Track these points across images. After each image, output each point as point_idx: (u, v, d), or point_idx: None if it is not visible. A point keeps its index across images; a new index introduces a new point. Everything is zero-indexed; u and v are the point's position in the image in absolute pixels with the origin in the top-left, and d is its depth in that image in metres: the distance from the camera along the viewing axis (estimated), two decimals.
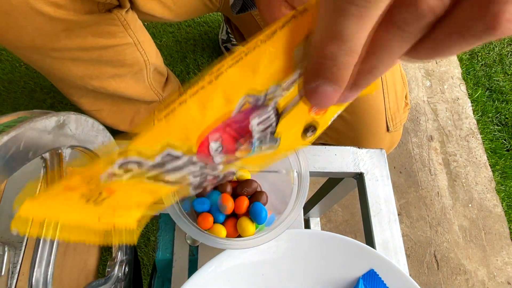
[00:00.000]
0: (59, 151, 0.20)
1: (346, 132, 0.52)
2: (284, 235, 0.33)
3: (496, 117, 1.30)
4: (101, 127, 0.25)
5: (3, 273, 0.33)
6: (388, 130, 0.52)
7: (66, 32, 0.45)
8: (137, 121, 0.66)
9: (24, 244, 0.36)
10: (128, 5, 0.50)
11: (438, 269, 1.05)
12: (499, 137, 1.26)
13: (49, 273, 0.21)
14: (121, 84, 0.56)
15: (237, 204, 0.35)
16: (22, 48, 0.47)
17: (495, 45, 1.39)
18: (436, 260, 1.07)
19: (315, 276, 0.34)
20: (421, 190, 1.12)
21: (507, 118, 1.30)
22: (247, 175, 0.37)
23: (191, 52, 1.14)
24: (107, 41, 0.50)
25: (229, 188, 0.35)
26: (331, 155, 0.42)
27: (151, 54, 0.57)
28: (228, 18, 0.75)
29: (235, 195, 0.36)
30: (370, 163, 0.42)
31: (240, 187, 0.36)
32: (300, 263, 0.33)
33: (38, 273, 0.21)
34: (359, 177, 0.42)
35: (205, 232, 0.30)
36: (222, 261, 0.32)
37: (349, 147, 0.42)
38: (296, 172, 0.35)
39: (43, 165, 0.19)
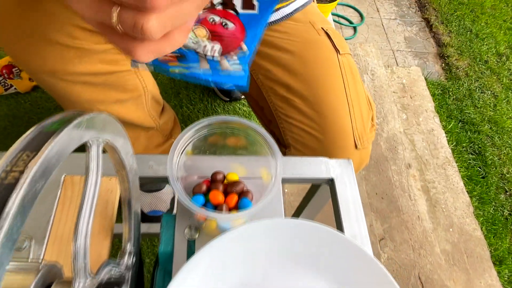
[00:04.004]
0: (99, 139, 0.27)
1: (319, 149, 0.60)
2: (267, 223, 0.39)
3: (470, 147, 1.39)
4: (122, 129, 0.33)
5: None
6: (356, 147, 0.60)
7: (79, 59, 0.54)
8: (137, 146, 0.73)
9: (46, 239, 0.41)
10: None
11: None
12: (474, 165, 1.34)
13: (87, 243, 0.27)
14: (123, 109, 0.64)
15: (227, 200, 0.41)
16: (41, 73, 0.55)
17: (464, 81, 1.52)
18: (421, 282, 1.11)
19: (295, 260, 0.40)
20: (402, 215, 1.18)
21: (480, 147, 1.39)
22: (236, 178, 0.44)
23: (184, 88, 1.24)
24: (111, 68, 0.58)
25: (221, 187, 0.42)
26: (306, 164, 0.49)
27: (149, 82, 0.65)
28: None
29: (226, 193, 0.43)
30: (339, 170, 0.49)
31: (230, 187, 0.43)
32: (287, 249, 0.40)
33: (79, 243, 0.26)
34: (331, 183, 0.49)
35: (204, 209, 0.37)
36: (214, 247, 0.38)
37: (321, 158, 0.50)
38: (274, 176, 0.42)
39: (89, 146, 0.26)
